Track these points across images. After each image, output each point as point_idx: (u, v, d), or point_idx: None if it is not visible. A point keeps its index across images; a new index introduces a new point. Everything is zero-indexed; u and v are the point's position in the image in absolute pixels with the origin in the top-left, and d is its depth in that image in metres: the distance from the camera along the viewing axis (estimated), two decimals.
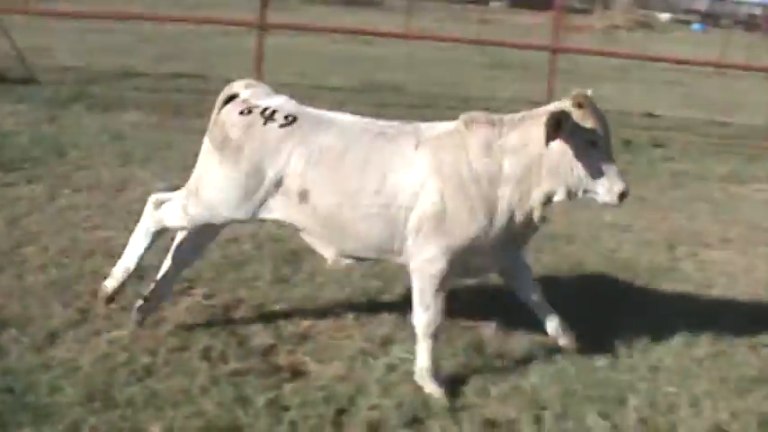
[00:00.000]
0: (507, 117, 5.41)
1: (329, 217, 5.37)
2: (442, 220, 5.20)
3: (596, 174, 5.23)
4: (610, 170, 5.25)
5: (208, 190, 5.53)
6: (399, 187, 5.27)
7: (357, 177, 5.31)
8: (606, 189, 5.23)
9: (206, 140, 5.61)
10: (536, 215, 5.28)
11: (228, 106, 5.58)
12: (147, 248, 5.73)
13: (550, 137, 5.15)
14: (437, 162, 5.25)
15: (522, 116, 5.38)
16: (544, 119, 5.16)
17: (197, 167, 5.62)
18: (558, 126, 5.14)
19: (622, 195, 5.24)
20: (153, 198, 5.76)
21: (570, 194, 5.27)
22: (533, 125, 5.27)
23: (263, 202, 5.47)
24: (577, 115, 5.20)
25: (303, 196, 5.39)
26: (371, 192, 5.30)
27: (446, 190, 5.22)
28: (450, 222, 5.20)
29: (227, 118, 5.54)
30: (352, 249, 5.45)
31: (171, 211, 5.67)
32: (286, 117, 5.49)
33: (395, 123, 5.52)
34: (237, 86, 5.67)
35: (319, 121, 5.49)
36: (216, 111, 5.61)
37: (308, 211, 5.40)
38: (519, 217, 5.28)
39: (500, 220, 5.26)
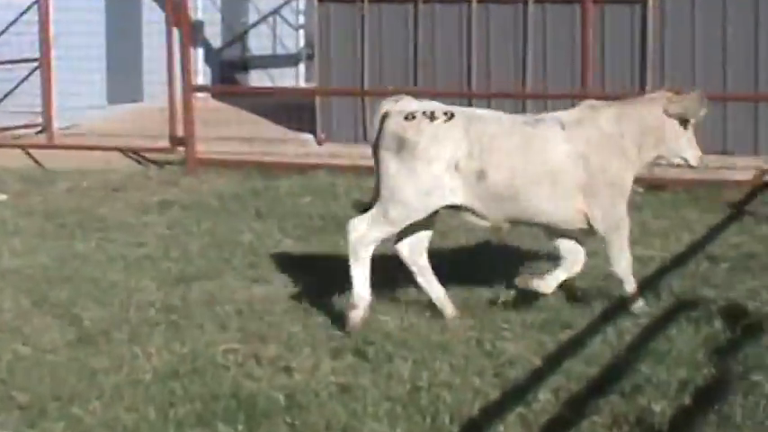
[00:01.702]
0: (618, 102, 7.70)
1: (505, 188, 7.04)
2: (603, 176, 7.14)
3: (687, 144, 7.36)
4: (694, 142, 7.38)
5: (400, 190, 7.00)
6: (560, 158, 7.10)
7: (524, 154, 7.07)
8: (693, 155, 7.38)
9: (381, 154, 7.06)
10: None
11: (390, 120, 7.09)
12: (369, 270, 7.04)
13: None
14: (586, 136, 7.16)
15: (633, 100, 7.87)
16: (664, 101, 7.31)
17: (382, 180, 7.05)
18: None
19: (701, 159, 7.48)
20: (352, 224, 7.09)
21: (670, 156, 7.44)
22: (650, 104, 7.38)
23: (447, 186, 7.01)
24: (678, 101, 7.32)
25: (481, 175, 7.01)
26: (539, 163, 7.07)
27: (594, 155, 7.13)
28: (607, 174, 7.15)
29: (396, 126, 7.06)
30: (520, 213, 7.19)
31: (372, 225, 7.05)
32: (445, 113, 7.10)
33: (528, 116, 7.79)
34: (387, 104, 7.21)
35: (472, 115, 7.26)
36: (377, 127, 7.13)
37: (484, 187, 7.04)
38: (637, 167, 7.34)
39: (632, 165, 7.28)
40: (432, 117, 7.06)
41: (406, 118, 7.07)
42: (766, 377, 5.76)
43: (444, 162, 6.98)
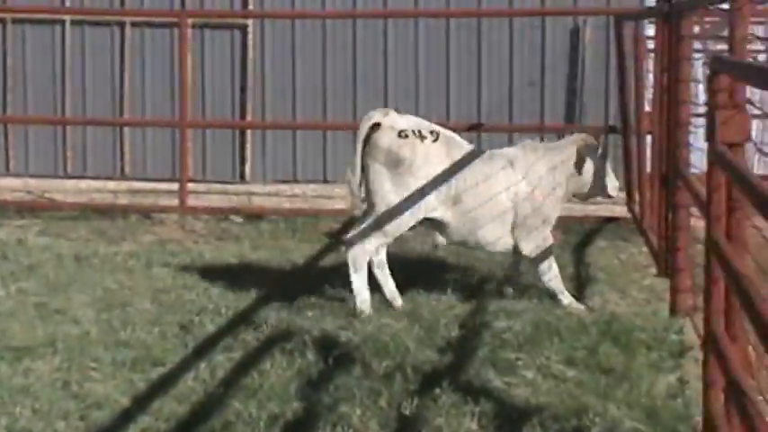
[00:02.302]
0: (551, 144, 8.85)
1: (470, 214, 8.11)
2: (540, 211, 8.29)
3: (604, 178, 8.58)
4: (611, 175, 8.65)
5: (395, 205, 7.93)
6: (511, 195, 8.23)
7: (487, 187, 8.13)
8: (611, 187, 8.62)
9: (374, 167, 7.91)
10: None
11: (383, 134, 7.94)
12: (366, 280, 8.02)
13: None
14: (531, 175, 8.29)
15: (558, 143, 8.80)
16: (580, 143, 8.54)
17: (375, 194, 7.95)
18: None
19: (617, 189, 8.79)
20: (347, 239, 8.07)
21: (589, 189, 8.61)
22: (572, 146, 8.52)
23: (432, 202, 8.03)
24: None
25: (456, 199, 8.10)
26: (496, 198, 8.17)
27: (537, 192, 8.26)
28: (543, 209, 8.29)
29: (390, 143, 7.95)
30: (472, 239, 8.30)
31: (369, 238, 7.98)
32: (430, 132, 8.12)
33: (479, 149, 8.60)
34: (376, 115, 8.00)
35: (450, 139, 8.21)
36: (361, 139, 7.92)
37: (456, 209, 8.11)
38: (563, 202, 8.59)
39: (560, 201, 8.48)
40: (421, 136, 8.02)
41: (399, 135, 7.97)
42: (353, 408, 5.96)
43: (432, 182, 8.00)
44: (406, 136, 7.99)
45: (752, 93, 5.38)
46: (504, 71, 14.38)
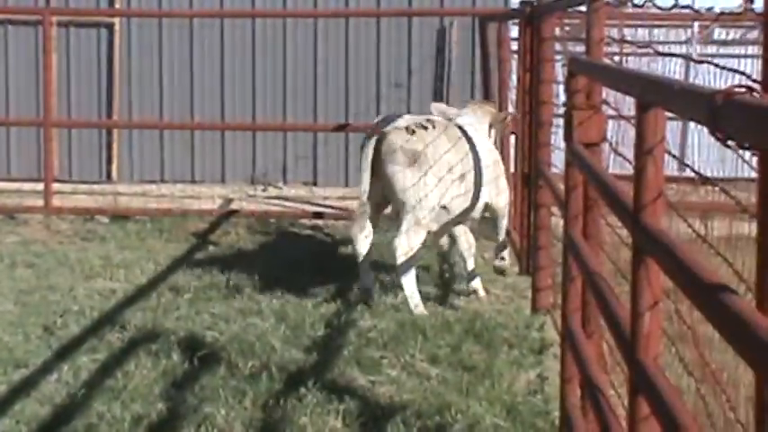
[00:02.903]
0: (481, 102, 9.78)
1: (469, 188, 8.53)
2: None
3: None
4: None
5: (425, 197, 8.25)
6: (493, 156, 8.95)
7: (476, 156, 8.57)
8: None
9: (393, 169, 8.23)
10: None
11: (393, 136, 8.29)
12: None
13: None
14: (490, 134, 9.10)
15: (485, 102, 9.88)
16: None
17: (402, 194, 8.24)
18: None
19: None
20: (395, 244, 8.20)
21: None
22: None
23: (446, 188, 8.37)
24: None
25: (462, 178, 8.48)
26: (483, 162, 8.63)
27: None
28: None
29: (402, 141, 8.29)
30: (469, 215, 8.76)
31: (412, 237, 8.23)
32: (428, 121, 8.52)
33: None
34: (382, 127, 8.40)
35: (440, 123, 8.59)
36: (371, 146, 8.24)
37: (462, 189, 8.47)
38: None
39: None
40: (423, 128, 8.40)
41: (406, 130, 8.34)
42: (217, 408, 5.95)
43: (446, 165, 8.33)
44: (413, 131, 8.35)
45: (608, 94, 5.50)
46: (370, 72, 14.46)
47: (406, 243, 8.22)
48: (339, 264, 9.66)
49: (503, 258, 9.11)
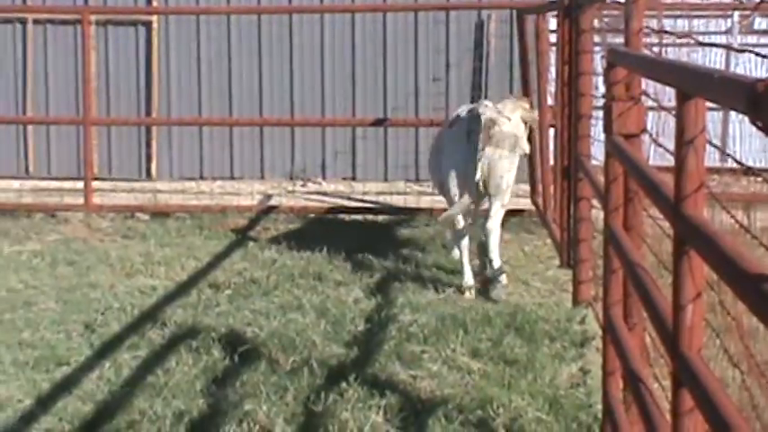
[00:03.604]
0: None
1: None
2: None
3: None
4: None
5: (512, 181, 8.85)
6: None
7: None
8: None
9: (501, 155, 8.62)
10: None
11: (499, 123, 8.62)
12: None
13: None
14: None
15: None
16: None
17: (500, 178, 8.64)
18: None
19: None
20: (489, 227, 8.80)
21: None
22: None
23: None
24: None
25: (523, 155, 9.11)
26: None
27: None
28: None
29: (507, 128, 8.67)
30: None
31: (498, 218, 8.86)
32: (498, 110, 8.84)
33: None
34: (483, 110, 8.67)
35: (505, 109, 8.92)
36: (486, 134, 8.54)
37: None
38: None
39: None
40: (508, 118, 8.75)
41: (508, 119, 8.74)
42: (259, 404, 5.96)
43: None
44: (510, 119, 8.74)
45: (647, 84, 5.45)
46: (409, 66, 14.43)
47: (498, 225, 8.88)
48: (379, 259, 9.64)
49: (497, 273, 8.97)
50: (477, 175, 8.57)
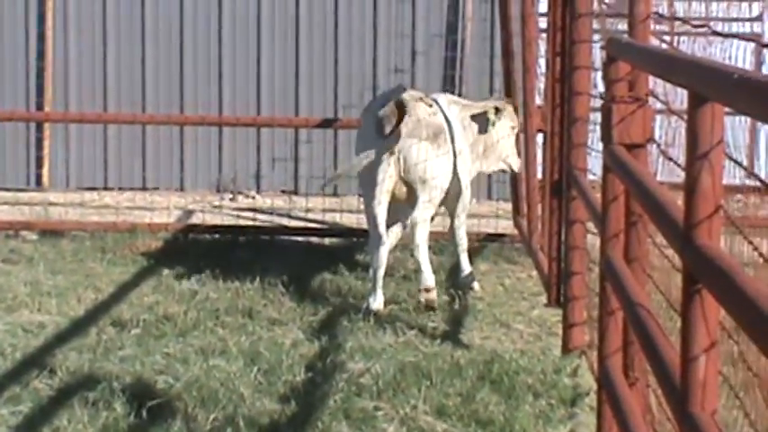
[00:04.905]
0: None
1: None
2: None
3: None
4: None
5: (441, 176, 9.37)
6: None
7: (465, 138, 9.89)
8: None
9: (412, 143, 9.13)
10: None
11: (418, 109, 9.20)
12: None
13: None
14: None
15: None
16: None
17: (423, 169, 9.17)
18: None
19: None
20: (413, 220, 9.23)
21: None
22: None
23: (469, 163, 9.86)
24: None
25: (460, 153, 9.66)
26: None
27: None
28: None
29: (426, 114, 9.29)
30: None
31: (425, 211, 9.27)
32: (433, 100, 9.66)
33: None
34: (406, 97, 9.24)
35: (441, 101, 9.83)
36: (395, 116, 9.03)
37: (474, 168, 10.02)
38: None
39: None
40: (429, 104, 9.43)
41: (429, 105, 9.40)
42: None
43: (451, 143, 9.47)
44: (431, 105, 9.44)
45: (656, 83, 5.50)
46: (365, 54, 14.46)
47: (422, 215, 9.30)
48: (325, 292, 9.64)
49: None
50: (388, 171, 9.08)
